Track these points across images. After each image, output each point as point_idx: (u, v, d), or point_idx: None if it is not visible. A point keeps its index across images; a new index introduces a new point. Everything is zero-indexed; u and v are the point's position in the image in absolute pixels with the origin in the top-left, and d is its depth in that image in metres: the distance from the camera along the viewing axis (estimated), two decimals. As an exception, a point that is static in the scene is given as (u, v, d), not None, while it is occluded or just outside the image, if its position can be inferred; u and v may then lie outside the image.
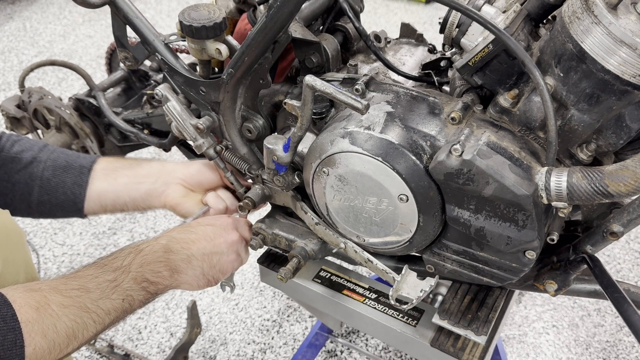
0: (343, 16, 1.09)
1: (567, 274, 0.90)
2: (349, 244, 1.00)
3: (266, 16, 0.85)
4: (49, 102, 1.72)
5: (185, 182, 1.11)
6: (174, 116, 1.03)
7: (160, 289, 0.91)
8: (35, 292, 0.78)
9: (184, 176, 1.10)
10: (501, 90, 0.84)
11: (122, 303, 0.85)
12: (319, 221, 1.01)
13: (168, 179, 1.10)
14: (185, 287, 0.95)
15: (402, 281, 0.94)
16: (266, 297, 2.01)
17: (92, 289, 0.82)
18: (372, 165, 0.84)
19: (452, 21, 0.86)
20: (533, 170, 0.77)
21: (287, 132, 1.00)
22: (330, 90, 0.80)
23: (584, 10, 0.71)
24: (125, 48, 1.08)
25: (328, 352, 1.82)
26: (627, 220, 0.78)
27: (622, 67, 0.70)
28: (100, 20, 3.82)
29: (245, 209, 1.07)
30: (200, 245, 0.95)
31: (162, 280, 0.90)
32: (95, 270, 0.86)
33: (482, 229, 0.83)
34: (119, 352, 1.80)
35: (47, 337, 0.75)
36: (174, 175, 1.10)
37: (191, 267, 0.93)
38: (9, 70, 3.31)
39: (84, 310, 0.80)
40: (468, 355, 1.00)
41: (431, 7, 3.95)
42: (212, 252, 0.96)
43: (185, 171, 1.11)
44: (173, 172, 1.11)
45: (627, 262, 2.11)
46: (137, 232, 2.27)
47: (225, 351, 1.84)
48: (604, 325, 1.90)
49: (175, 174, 1.11)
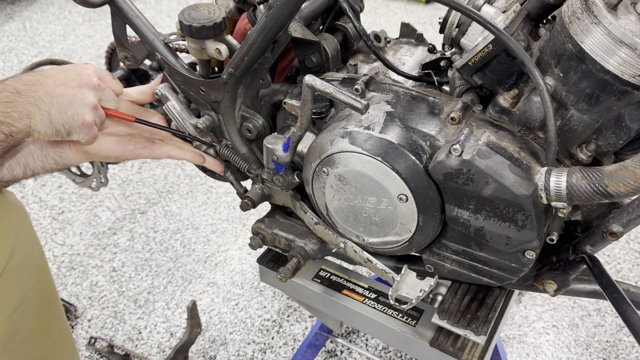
0: (343, 16, 1.09)
1: (567, 274, 0.90)
2: (349, 244, 1.00)
3: (266, 16, 0.86)
4: (49, 101, 1.72)
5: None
6: (174, 115, 1.03)
7: (14, 132, 0.84)
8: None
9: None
10: (501, 90, 0.84)
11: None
12: (319, 221, 1.02)
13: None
14: (39, 135, 0.88)
15: (401, 281, 0.94)
16: (266, 297, 2.01)
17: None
18: (371, 165, 0.84)
19: (452, 21, 0.86)
20: (532, 170, 0.77)
21: (287, 131, 1.00)
22: (330, 90, 0.80)
23: (584, 10, 0.71)
24: (125, 47, 1.08)
25: (328, 352, 1.82)
26: (626, 220, 0.78)
27: (621, 67, 0.70)
28: (100, 20, 3.82)
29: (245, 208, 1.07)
30: (49, 88, 0.87)
31: (12, 122, 0.84)
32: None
33: (482, 229, 0.83)
34: (119, 352, 1.81)
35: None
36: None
37: (39, 110, 0.86)
38: (9, 70, 3.31)
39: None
40: (467, 355, 1.00)
41: (431, 7, 3.95)
42: (61, 96, 0.87)
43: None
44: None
45: (627, 262, 2.11)
46: (137, 232, 2.27)
47: (225, 351, 1.84)
48: (604, 325, 1.90)
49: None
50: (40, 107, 0.86)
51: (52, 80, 0.88)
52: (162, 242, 2.23)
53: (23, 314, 0.98)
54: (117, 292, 2.03)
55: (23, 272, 0.99)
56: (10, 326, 0.96)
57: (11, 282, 0.95)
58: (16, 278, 0.96)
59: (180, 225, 2.31)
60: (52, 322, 1.09)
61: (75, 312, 1.95)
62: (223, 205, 2.40)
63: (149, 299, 2.01)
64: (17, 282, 0.97)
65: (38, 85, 0.86)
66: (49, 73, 0.89)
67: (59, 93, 0.87)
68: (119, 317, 1.95)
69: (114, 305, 1.99)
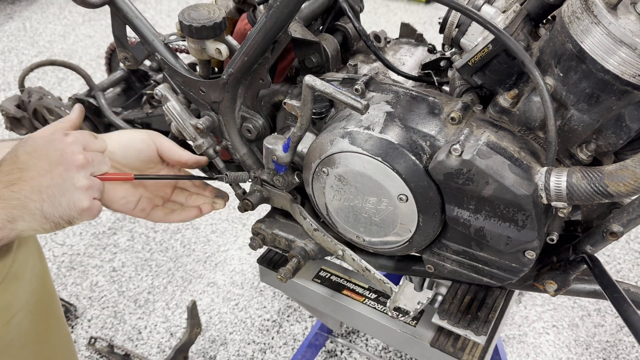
0: (343, 16, 1.09)
1: (567, 274, 0.90)
2: (347, 252, 0.99)
3: (266, 16, 0.85)
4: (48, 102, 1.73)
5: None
6: (174, 116, 1.03)
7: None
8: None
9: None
10: (501, 90, 0.84)
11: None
12: (318, 227, 1.01)
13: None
14: (32, 233, 0.81)
15: (399, 292, 0.94)
16: (266, 297, 2.01)
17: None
18: (371, 165, 0.84)
19: (452, 21, 0.86)
20: (533, 170, 0.77)
21: (287, 132, 1.00)
22: (329, 90, 0.80)
23: (584, 10, 0.71)
24: (125, 48, 1.08)
25: (328, 352, 1.82)
26: (626, 220, 0.78)
27: (621, 67, 0.70)
28: (100, 20, 3.82)
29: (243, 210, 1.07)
30: (33, 182, 0.77)
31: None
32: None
33: (482, 229, 0.83)
34: (119, 352, 1.81)
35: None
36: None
37: (28, 212, 0.77)
38: (9, 70, 3.31)
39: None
40: (468, 356, 1.00)
41: (431, 7, 3.95)
42: (50, 187, 0.78)
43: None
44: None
45: (627, 262, 2.11)
46: (137, 232, 2.27)
47: (225, 351, 1.84)
48: (604, 325, 1.90)
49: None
50: (28, 207, 0.77)
51: (35, 171, 0.78)
52: (162, 242, 2.23)
53: (22, 319, 0.98)
54: (117, 292, 2.03)
55: (24, 277, 0.98)
56: (9, 331, 0.96)
57: (12, 287, 0.95)
58: (17, 283, 0.96)
59: (180, 225, 2.31)
60: (51, 327, 1.09)
61: (75, 312, 1.95)
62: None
63: (149, 299, 2.01)
64: (17, 287, 0.96)
65: (20, 182, 0.77)
66: (28, 161, 0.78)
67: (46, 185, 0.77)
68: (119, 317, 1.95)
69: (114, 305, 1.99)
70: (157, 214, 0.97)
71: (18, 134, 1.99)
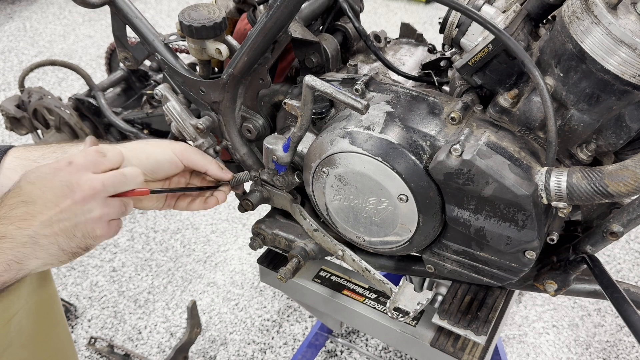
0: (343, 16, 1.09)
1: (567, 274, 0.90)
2: (347, 252, 0.99)
3: (266, 16, 0.85)
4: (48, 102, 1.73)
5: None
6: (174, 116, 1.03)
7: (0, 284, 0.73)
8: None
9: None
10: (501, 90, 0.84)
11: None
12: (318, 227, 1.01)
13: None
14: (47, 268, 0.78)
15: (399, 293, 0.94)
16: (266, 297, 2.01)
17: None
18: (371, 165, 0.84)
19: (452, 21, 0.86)
20: (533, 170, 0.77)
21: (287, 132, 1.00)
22: (330, 90, 0.80)
23: (584, 10, 0.71)
24: (125, 48, 1.08)
25: (328, 352, 1.82)
26: (627, 220, 0.78)
27: (622, 67, 0.70)
28: (100, 20, 3.82)
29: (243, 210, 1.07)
30: (43, 216, 0.73)
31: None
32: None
33: (482, 229, 0.83)
34: (119, 352, 1.81)
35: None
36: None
37: (40, 248, 0.73)
38: (9, 70, 3.31)
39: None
40: (468, 356, 1.00)
41: (431, 7, 3.95)
42: (61, 221, 0.74)
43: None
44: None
45: (627, 262, 2.11)
46: (137, 232, 2.27)
47: (225, 351, 1.84)
48: (604, 325, 1.90)
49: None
50: (40, 244, 0.73)
51: (41, 204, 0.73)
52: (162, 242, 2.23)
53: (22, 320, 0.98)
54: (117, 292, 2.03)
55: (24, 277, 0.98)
56: (9, 331, 0.95)
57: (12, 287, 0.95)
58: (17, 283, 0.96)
59: (180, 225, 2.31)
60: (51, 328, 1.09)
61: (75, 312, 1.95)
62: (223, 205, 2.40)
63: (149, 299, 2.01)
64: (17, 287, 0.96)
65: (28, 217, 0.72)
66: (32, 192, 0.74)
67: (57, 218, 0.73)
68: (119, 317, 1.95)
69: (114, 305, 1.99)
70: (181, 204, 1.00)
71: (18, 134, 2.00)
